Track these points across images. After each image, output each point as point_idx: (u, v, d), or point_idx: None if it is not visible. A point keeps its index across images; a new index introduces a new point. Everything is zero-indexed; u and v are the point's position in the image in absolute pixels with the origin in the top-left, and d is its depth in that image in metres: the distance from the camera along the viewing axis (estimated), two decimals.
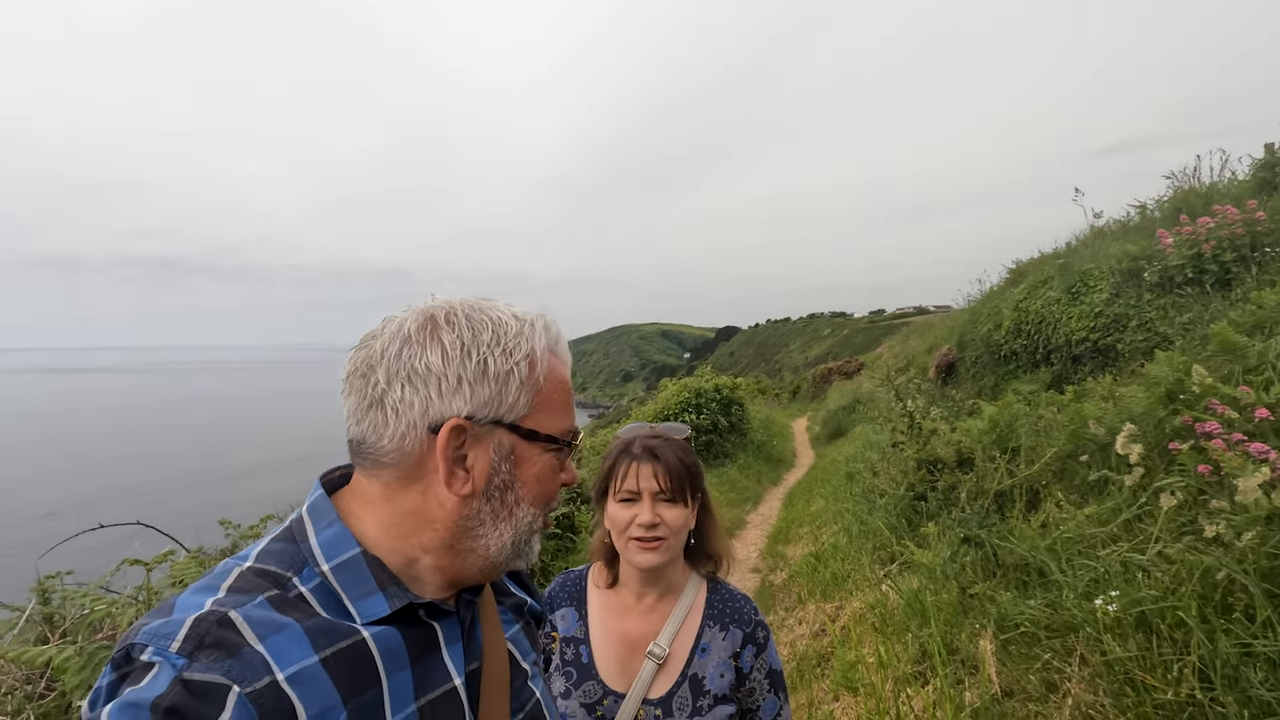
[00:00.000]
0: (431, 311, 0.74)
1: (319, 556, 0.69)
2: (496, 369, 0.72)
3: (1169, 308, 5.17)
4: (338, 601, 0.68)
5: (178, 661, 0.56)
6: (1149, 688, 1.98)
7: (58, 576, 2.81)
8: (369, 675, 0.66)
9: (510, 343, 0.73)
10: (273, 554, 0.70)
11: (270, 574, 0.67)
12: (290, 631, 0.62)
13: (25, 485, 34.49)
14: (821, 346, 65.00)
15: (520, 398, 0.73)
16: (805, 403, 24.79)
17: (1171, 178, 6.79)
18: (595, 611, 1.41)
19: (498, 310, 0.76)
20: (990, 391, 7.23)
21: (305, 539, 0.71)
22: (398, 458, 0.70)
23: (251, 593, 0.64)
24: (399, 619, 0.71)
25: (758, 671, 1.34)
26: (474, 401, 0.71)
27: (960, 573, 3.41)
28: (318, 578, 0.69)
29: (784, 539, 7.12)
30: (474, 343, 0.71)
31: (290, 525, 0.73)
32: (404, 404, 0.69)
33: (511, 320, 0.75)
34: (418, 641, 0.72)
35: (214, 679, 0.56)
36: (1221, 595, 2.06)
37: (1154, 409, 3.27)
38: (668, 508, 1.32)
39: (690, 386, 11.91)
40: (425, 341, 0.71)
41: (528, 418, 0.74)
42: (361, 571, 0.70)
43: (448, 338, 0.71)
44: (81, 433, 61.22)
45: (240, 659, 0.58)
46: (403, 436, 0.70)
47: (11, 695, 2.29)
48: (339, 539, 0.71)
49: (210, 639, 0.58)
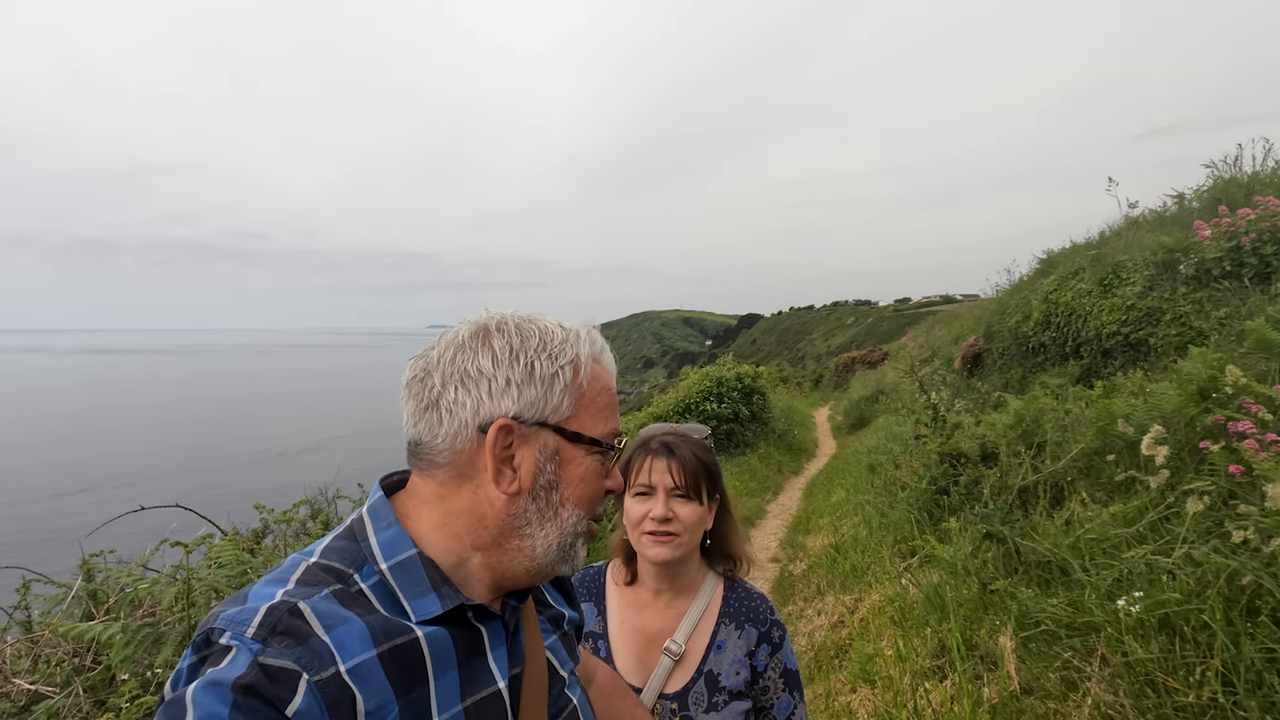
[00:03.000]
0: (484, 321, 0.80)
1: (378, 556, 0.74)
2: (542, 372, 0.76)
3: (1204, 302, 5.04)
4: (394, 599, 0.72)
5: (253, 646, 0.60)
6: (1170, 690, 1.97)
7: (101, 555, 2.93)
8: (418, 674, 0.69)
9: (555, 349, 0.78)
10: (336, 551, 0.74)
11: (334, 570, 0.72)
12: (353, 625, 0.66)
13: (69, 464, 35.70)
14: (845, 335, 64.31)
15: (564, 400, 0.77)
16: (828, 392, 24.62)
17: (1211, 166, 6.58)
18: (613, 607, 1.44)
19: (545, 321, 0.81)
20: (1017, 384, 7.13)
21: (365, 538, 0.75)
22: (450, 456, 0.75)
23: (318, 586, 0.68)
24: (448, 620, 0.74)
25: (772, 670, 1.36)
26: (520, 402, 0.75)
27: (981, 568, 3.40)
28: (376, 576, 0.73)
29: (804, 529, 7.12)
30: (522, 348, 0.77)
31: (352, 524, 0.78)
32: (457, 404, 0.74)
33: (558, 329, 0.80)
34: (465, 644, 0.76)
35: (287, 664, 0.60)
36: (1249, 599, 2.03)
37: (1185, 407, 3.21)
38: (681, 503, 1.34)
39: (712, 375, 11.90)
40: (478, 347, 0.76)
41: (571, 420, 0.78)
42: (417, 572, 0.74)
43: (498, 343, 0.76)
44: (120, 413, 63.09)
45: (309, 647, 0.62)
46: (455, 436, 0.74)
47: (61, 668, 2.41)
48: (397, 540, 0.75)
49: (282, 626, 0.63)
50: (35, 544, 4.12)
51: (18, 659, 2.44)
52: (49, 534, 4.22)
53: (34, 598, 2.80)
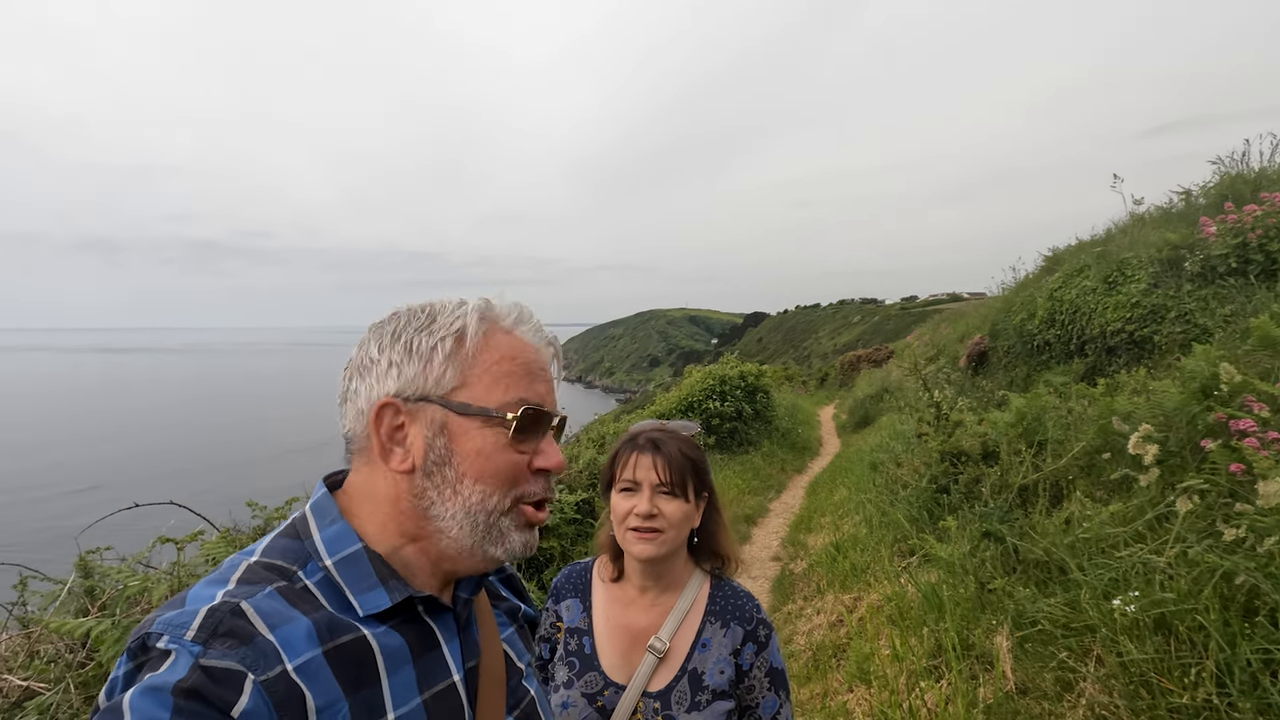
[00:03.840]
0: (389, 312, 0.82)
1: (322, 552, 0.73)
2: (418, 347, 0.76)
3: (1210, 299, 4.99)
4: (340, 595, 0.71)
5: (194, 649, 0.59)
6: (1164, 690, 1.94)
7: (98, 552, 2.94)
8: (367, 671, 0.68)
9: (440, 323, 0.77)
10: (278, 549, 0.73)
11: (277, 567, 0.70)
12: (298, 624, 0.65)
13: (75, 462, 35.99)
14: (851, 333, 64.09)
15: (446, 372, 0.75)
16: (833, 390, 24.54)
17: (1218, 162, 6.51)
18: (599, 604, 1.43)
19: (444, 301, 0.81)
20: (1022, 382, 7.08)
21: (309, 535, 0.74)
22: (361, 444, 0.77)
23: (260, 584, 0.67)
24: (399, 615, 0.74)
25: (758, 669, 1.34)
26: (400, 380, 0.75)
27: (979, 567, 3.37)
28: (321, 572, 0.72)
29: (806, 528, 7.10)
30: (403, 329, 0.78)
31: (294, 522, 0.77)
32: (355, 394, 0.78)
33: (450, 305, 0.80)
34: (419, 638, 0.75)
35: (231, 665, 0.58)
36: (1246, 599, 2.01)
37: (1187, 405, 3.18)
38: (667, 500, 1.33)
39: (715, 374, 11.88)
40: (370, 338, 0.79)
41: (458, 390, 0.75)
42: (364, 566, 0.73)
43: (386, 329, 0.79)
44: (126, 413, 63.54)
45: (254, 647, 0.61)
46: (356, 422, 0.77)
47: (54, 664, 2.42)
48: (341, 535, 0.74)
49: (224, 628, 0.61)
50: (42, 544, 4.15)
51: (14, 655, 2.45)
52: (52, 531, 4.25)
53: (31, 594, 2.82)
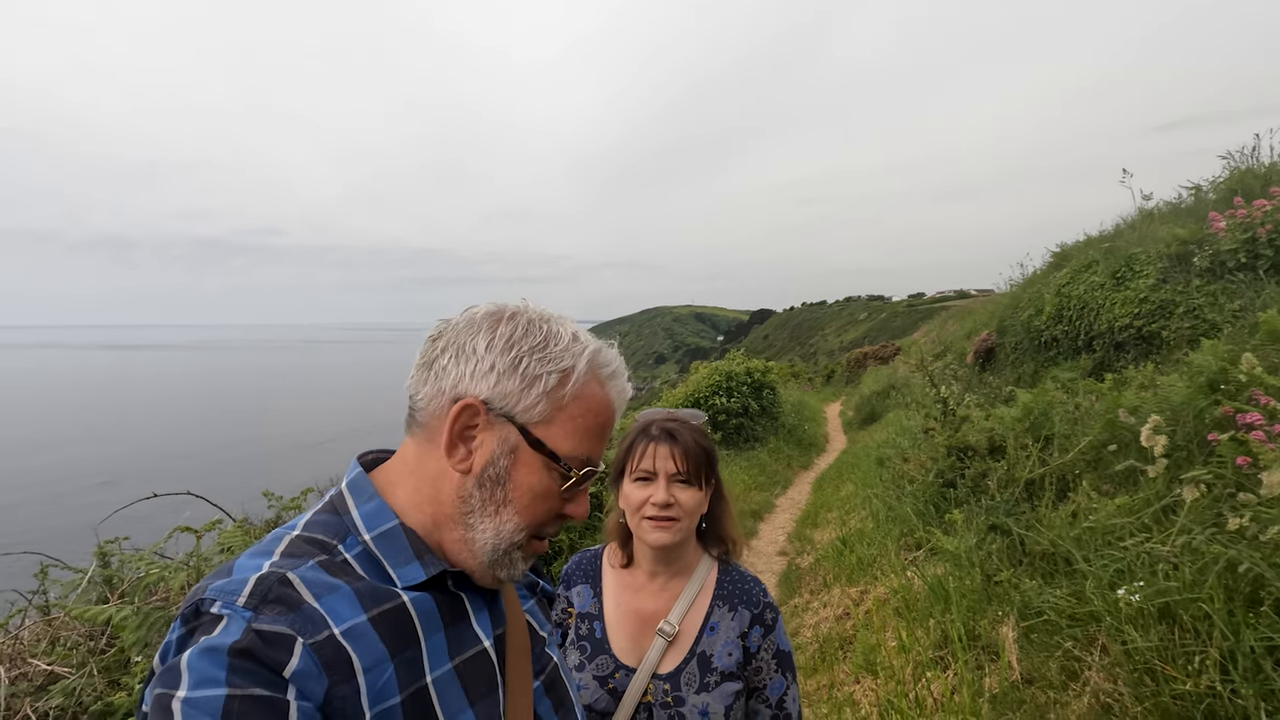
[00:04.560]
0: (504, 307, 0.81)
1: (361, 527, 0.76)
2: (527, 369, 0.77)
3: (1218, 294, 4.97)
4: (379, 567, 0.75)
5: (245, 614, 0.61)
6: (1168, 678, 1.96)
7: (116, 542, 3.00)
8: (409, 635, 0.72)
9: (552, 353, 0.78)
10: (319, 524, 0.76)
11: (318, 541, 0.74)
12: (342, 593, 0.68)
13: (89, 458, 36.32)
14: (858, 330, 63.89)
15: (540, 404, 0.77)
16: (839, 387, 24.52)
17: (1228, 158, 6.48)
18: (609, 589, 1.46)
19: (562, 325, 0.81)
20: (1030, 379, 7.06)
21: (347, 512, 0.77)
22: (425, 418, 0.78)
23: (303, 557, 0.70)
24: (433, 587, 0.77)
25: (765, 651, 1.37)
26: (496, 390, 0.76)
27: (985, 560, 3.39)
28: (360, 546, 0.75)
29: (812, 523, 7.12)
30: (518, 340, 0.78)
31: (332, 499, 0.80)
32: (444, 371, 0.78)
33: (567, 337, 0.80)
34: (449, 609, 0.79)
35: (282, 629, 0.62)
36: (1251, 588, 2.02)
37: (1195, 399, 3.18)
38: (682, 489, 1.36)
39: (721, 370, 11.89)
40: (482, 327, 0.79)
41: (541, 426, 0.77)
42: (400, 541, 0.76)
43: (500, 330, 0.78)
44: (139, 408, 64.06)
45: (301, 614, 0.64)
46: (432, 398, 0.78)
47: (76, 649, 2.48)
48: (379, 511, 0.78)
49: (273, 594, 0.64)
50: (59, 537, 4.23)
51: (36, 641, 2.51)
52: (70, 524, 4.35)
53: (51, 583, 2.88)
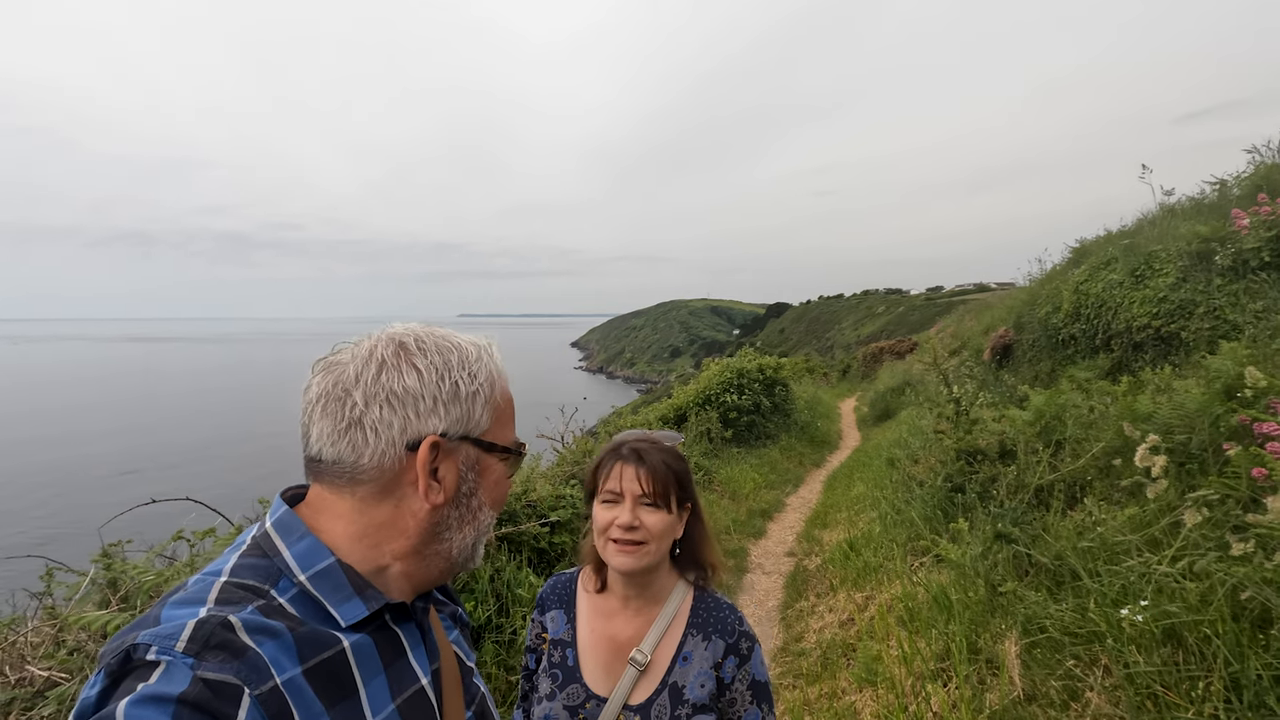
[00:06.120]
0: (400, 338, 0.81)
1: (295, 568, 0.73)
2: (465, 390, 0.80)
3: (1240, 294, 4.82)
4: (318, 607, 0.72)
5: (186, 660, 0.58)
6: (1171, 704, 1.90)
7: (119, 545, 3.03)
8: (346, 685, 0.70)
9: (474, 367, 0.82)
10: (247, 568, 0.72)
11: (250, 587, 0.70)
12: (283, 640, 0.66)
13: (116, 451, 37.09)
14: (875, 324, 63.22)
15: (484, 415, 0.83)
16: (855, 382, 24.28)
17: (1253, 151, 6.27)
18: (583, 615, 1.43)
19: (457, 338, 0.85)
20: (1046, 377, 6.93)
21: (278, 554, 0.74)
22: (376, 475, 0.76)
23: (241, 604, 0.67)
24: (372, 623, 0.76)
25: (739, 682, 1.33)
26: (447, 420, 0.79)
27: (991, 570, 3.32)
28: (294, 588, 0.72)
29: (821, 523, 7.05)
30: (445, 367, 0.80)
31: (257, 540, 0.76)
32: (383, 424, 0.75)
33: (470, 347, 0.84)
34: (388, 646, 0.77)
35: (228, 678, 0.58)
36: (1259, 612, 1.95)
37: (1210, 405, 3.08)
38: (649, 512, 1.32)
39: (732, 367, 11.80)
40: (401, 366, 0.77)
41: (488, 432, 0.84)
42: (339, 578, 0.74)
43: (421, 363, 0.78)
44: (164, 400, 65.29)
45: (246, 661, 0.61)
46: (382, 454, 0.75)
47: (75, 654, 2.50)
48: (313, 550, 0.75)
49: (215, 640, 0.60)
50: (77, 535, 4.32)
51: (35, 646, 2.54)
52: (89, 521, 4.45)
53: (57, 584, 2.91)
